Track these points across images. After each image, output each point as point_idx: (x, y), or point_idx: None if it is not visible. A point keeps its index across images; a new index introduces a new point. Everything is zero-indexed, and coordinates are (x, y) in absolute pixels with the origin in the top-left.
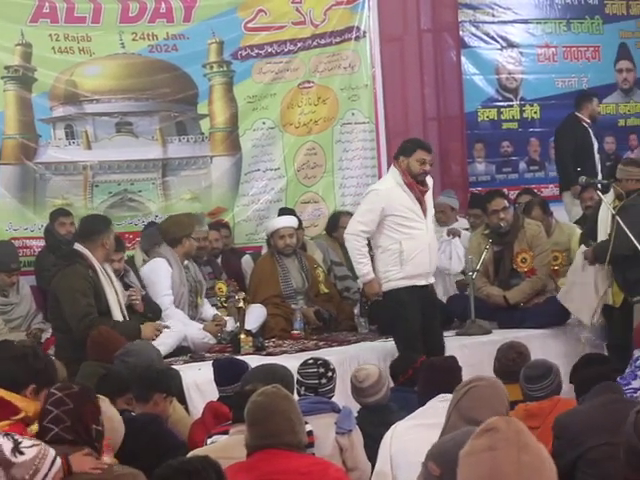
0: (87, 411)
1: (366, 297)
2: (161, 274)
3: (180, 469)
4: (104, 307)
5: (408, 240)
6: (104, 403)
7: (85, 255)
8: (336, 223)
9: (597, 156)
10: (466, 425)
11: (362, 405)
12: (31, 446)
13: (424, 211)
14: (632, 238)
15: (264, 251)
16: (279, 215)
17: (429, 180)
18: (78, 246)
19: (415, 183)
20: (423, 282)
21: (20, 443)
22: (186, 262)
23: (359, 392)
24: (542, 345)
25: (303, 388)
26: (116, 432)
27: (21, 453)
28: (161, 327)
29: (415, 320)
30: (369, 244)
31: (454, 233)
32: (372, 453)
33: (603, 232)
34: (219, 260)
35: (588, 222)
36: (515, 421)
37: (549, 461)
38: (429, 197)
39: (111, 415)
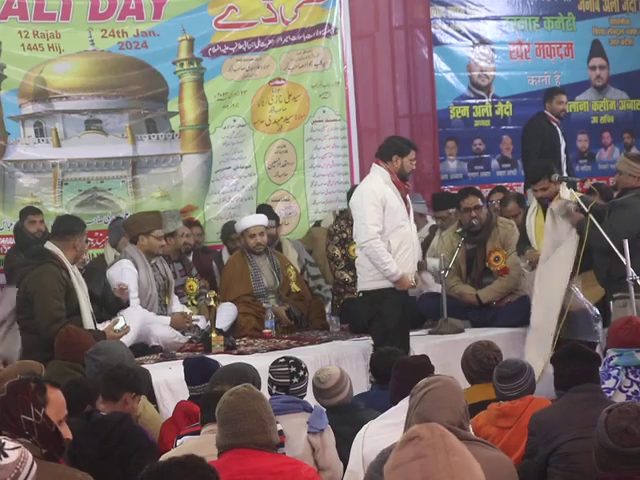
0: (17, 401)
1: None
2: (126, 276)
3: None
4: (75, 307)
5: (396, 238)
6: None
7: (57, 254)
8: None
9: (563, 155)
10: None
11: (326, 407)
12: (13, 449)
13: (408, 210)
14: (606, 238)
15: (224, 251)
16: (257, 212)
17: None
18: (50, 245)
19: (401, 182)
20: None
21: (4, 445)
22: (154, 260)
23: (323, 393)
24: (515, 344)
25: (274, 387)
26: None
27: (5, 455)
28: (121, 332)
29: (394, 319)
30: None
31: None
32: (342, 452)
33: (533, 238)
34: (190, 258)
35: (520, 231)
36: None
37: (473, 459)
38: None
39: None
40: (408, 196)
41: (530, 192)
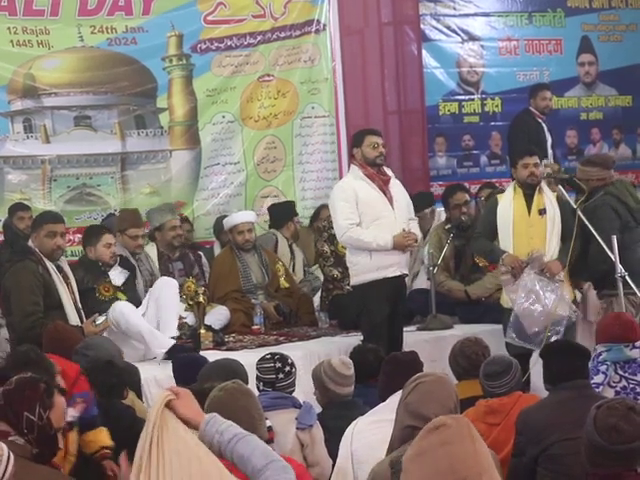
0: (24, 397)
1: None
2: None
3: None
4: (56, 303)
5: (376, 230)
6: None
7: (35, 250)
8: (317, 215)
9: (550, 152)
10: (413, 421)
11: (333, 398)
12: None
13: (389, 200)
14: (600, 241)
15: (216, 246)
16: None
17: (388, 171)
18: (31, 243)
19: (375, 174)
20: (397, 272)
21: None
22: (138, 255)
23: (345, 380)
24: (503, 340)
25: (261, 383)
26: None
27: None
28: (100, 326)
29: (381, 313)
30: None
31: None
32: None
33: (507, 232)
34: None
35: (483, 222)
36: (460, 416)
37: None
38: (395, 186)
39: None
40: (394, 186)
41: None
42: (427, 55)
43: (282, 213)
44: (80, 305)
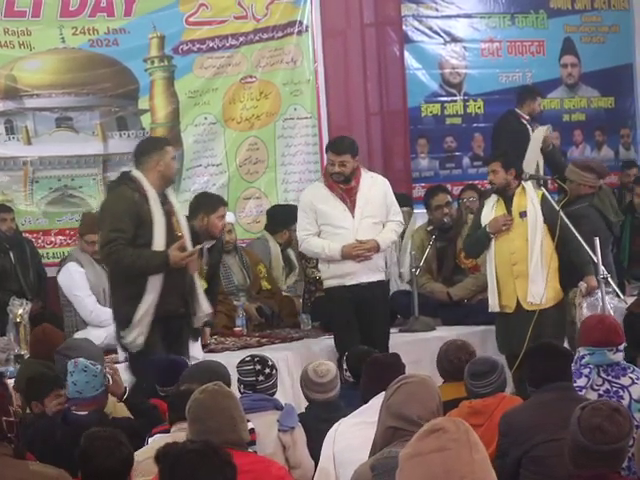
0: None
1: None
2: (75, 278)
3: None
4: (149, 233)
5: (332, 239)
6: None
7: (136, 178)
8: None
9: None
10: (395, 422)
11: (315, 401)
12: None
13: (351, 209)
14: (585, 246)
15: None
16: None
17: (370, 177)
18: (135, 171)
19: (335, 184)
20: (353, 281)
21: None
22: None
23: (318, 387)
24: (486, 342)
25: (242, 386)
26: None
27: None
28: (192, 253)
29: (345, 317)
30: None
31: None
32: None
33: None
34: None
35: (471, 226)
36: (461, 421)
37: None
38: (366, 192)
39: None
40: (362, 193)
41: None
42: (409, 56)
43: (282, 218)
44: (189, 237)
